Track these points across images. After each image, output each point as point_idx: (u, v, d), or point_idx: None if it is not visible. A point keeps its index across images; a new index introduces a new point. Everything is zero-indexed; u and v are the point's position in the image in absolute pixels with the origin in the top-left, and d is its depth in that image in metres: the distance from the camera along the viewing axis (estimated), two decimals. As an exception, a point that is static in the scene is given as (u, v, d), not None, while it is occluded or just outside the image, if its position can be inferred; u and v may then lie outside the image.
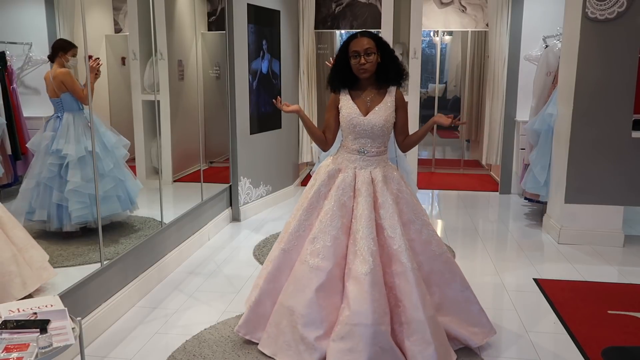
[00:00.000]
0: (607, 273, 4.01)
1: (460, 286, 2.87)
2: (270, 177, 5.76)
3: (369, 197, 2.73)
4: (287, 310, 2.69)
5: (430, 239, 2.82)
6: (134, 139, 4.19)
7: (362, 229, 2.66)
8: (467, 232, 4.97)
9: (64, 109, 3.42)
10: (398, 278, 2.64)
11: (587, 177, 4.53)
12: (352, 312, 2.54)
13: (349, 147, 2.83)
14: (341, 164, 2.83)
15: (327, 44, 7.20)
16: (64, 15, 3.41)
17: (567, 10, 4.67)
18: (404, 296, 2.62)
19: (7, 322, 2.02)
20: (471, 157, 8.51)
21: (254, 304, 2.85)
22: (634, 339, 3.00)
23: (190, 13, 4.84)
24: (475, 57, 7.86)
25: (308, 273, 2.67)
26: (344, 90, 2.83)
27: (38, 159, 3.35)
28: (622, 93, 4.38)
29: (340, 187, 2.76)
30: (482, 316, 2.90)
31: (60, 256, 3.27)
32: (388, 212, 2.71)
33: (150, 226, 3.85)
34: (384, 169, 2.83)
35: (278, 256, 2.83)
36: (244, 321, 2.87)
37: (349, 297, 2.59)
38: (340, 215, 2.72)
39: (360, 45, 2.69)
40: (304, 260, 2.71)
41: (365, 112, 2.76)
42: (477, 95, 7.88)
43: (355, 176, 2.79)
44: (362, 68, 2.70)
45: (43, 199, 3.35)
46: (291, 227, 2.84)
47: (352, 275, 2.62)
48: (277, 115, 5.85)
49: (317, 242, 2.70)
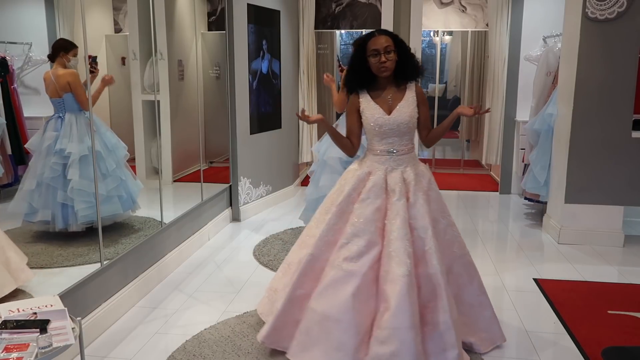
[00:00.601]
0: (607, 273, 4.01)
1: (477, 290, 2.82)
2: (270, 177, 5.76)
3: (402, 198, 2.66)
4: (321, 316, 2.58)
5: (453, 240, 2.77)
6: (134, 139, 4.20)
7: (397, 230, 2.60)
8: (467, 232, 4.96)
9: (65, 109, 3.41)
10: (427, 279, 2.59)
11: (587, 177, 4.53)
12: (391, 315, 2.47)
13: (377, 149, 2.77)
14: (371, 167, 2.76)
15: (327, 44, 7.20)
16: (64, 15, 3.40)
17: (567, 10, 4.67)
18: (433, 298, 2.57)
19: (7, 322, 2.02)
20: (471, 157, 8.51)
21: (280, 312, 2.71)
22: (634, 339, 3.00)
23: (190, 13, 4.84)
24: (475, 57, 7.86)
25: (343, 278, 2.58)
26: (362, 91, 2.78)
27: (39, 160, 3.34)
28: (622, 93, 4.38)
29: (372, 191, 2.69)
30: (494, 322, 2.86)
31: (60, 256, 3.27)
32: (420, 213, 2.66)
33: (150, 226, 3.85)
34: (415, 167, 2.77)
35: (306, 262, 2.71)
36: (270, 330, 2.73)
37: (386, 301, 2.53)
38: (373, 219, 2.65)
39: (379, 43, 2.66)
40: (337, 264, 2.62)
41: (388, 111, 2.72)
42: (477, 95, 7.88)
43: (387, 178, 2.72)
44: (383, 66, 2.66)
45: (46, 199, 3.34)
46: (319, 231, 2.73)
47: (389, 278, 2.55)
48: (277, 115, 5.86)
49: (351, 247, 2.62)
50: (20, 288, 2.78)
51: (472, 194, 6.56)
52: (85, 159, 3.37)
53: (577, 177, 4.54)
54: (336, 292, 2.57)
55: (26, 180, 3.32)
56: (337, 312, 2.54)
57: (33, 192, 3.32)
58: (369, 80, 2.76)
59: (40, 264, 3.18)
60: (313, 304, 2.64)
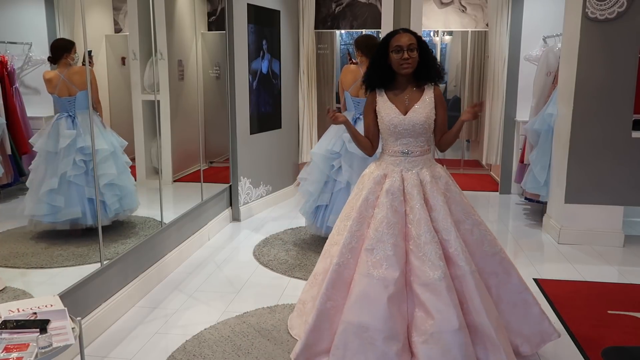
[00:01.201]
0: (607, 273, 4.01)
1: (518, 287, 2.73)
2: (270, 177, 5.76)
3: (421, 200, 2.62)
4: (358, 328, 2.50)
5: (482, 239, 2.70)
6: (134, 139, 4.20)
7: (424, 234, 2.55)
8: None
9: (75, 108, 3.41)
10: (457, 282, 2.54)
11: (587, 177, 4.53)
12: (438, 320, 2.43)
13: (392, 150, 2.75)
14: (386, 169, 2.73)
15: (327, 44, 7.20)
16: (64, 15, 3.41)
17: (567, 10, 4.67)
18: (465, 300, 2.53)
19: (7, 322, 2.02)
20: (471, 157, 8.51)
21: (312, 327, 2.61)
22: (634, 339, 3.00)
23: (190, 13, 4.84)
24: (475, 57, 7.86)
25: (375, 285, 2.51)
26: (380, 90, 2.77)
27: (56, 159, 3.34)
28: (622, 93, 4.38)
29: (390, 193, 2.65)
30: (543, 319, 2.76)
31: (60, 256, 3.27)
32: (440, 214, 2.62)
33: (150, 226, 3.85)
34: (431, 169, 2.74)
35: (332, 272, 2.63)
36: (303, 347, 2.62)
37: (427, 306, 2.48)
38: (395, 222, 2.60)
39: (403, 40, 2.65)
40: (367, 272, 2.55)
41: (404, 111, 2.70)
42: (477, 95, 7.87)
43: (403, 179, 2.69)
44: (406, 63, 2.64)
45: (72, 197, 3.33)
46: (342, 239, 2.67)
47: (423, 282, 2.51)
48: (277, 115, 5.86)
49: (377, 253, 2.56)
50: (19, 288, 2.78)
51: (472, 194, 6.56)
52: (113, 155, 3.50)
53: (577, 177, 4.54)
54: (371, 300, 2.51)
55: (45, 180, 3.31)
56: (377, 322, 2.48)
57: (54, 192, 3.32)
58: (388, 78, 2.74)
59: (40, 264, 3.18)
60: (347, 316, 2.56)
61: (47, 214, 3.33)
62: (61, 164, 3.34)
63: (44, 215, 3.33)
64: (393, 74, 2.73)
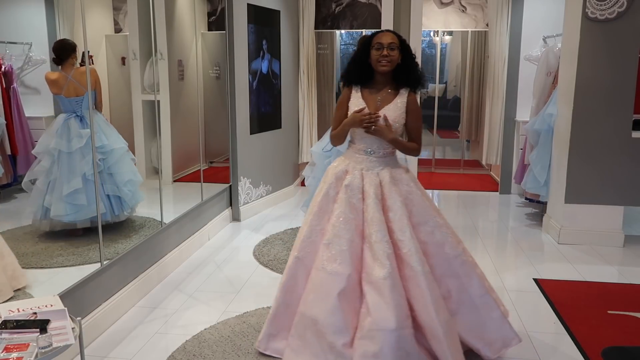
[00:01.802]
0: (607, 273, 4.01)
1: (479, 290, 2.73)
2: (270, 177, 5.76)
3: (377, 200, 2.66)
4: (310, 320, 2.59)
5: (444, 241, 2.71)
6: (134, 139, 4.20)
7: (375, 232, 2.60)
8: (467, 232, 4.96)
9: (81, 108, 3.42)
10: (409, 282, 2.58)
11: (587, 177, 4.53)
12: (375, 319, 2.48)
13: (356, 147, 2.77)
14: (348, 165, 2.76)
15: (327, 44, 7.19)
16: (64, 15, 3.41)
17: (567, 10, 4.67)
18: (415, 300, 2.56)
19: (7, 322, 2.02)
20: (471, 157, 8.51)
21: (272, 316, 2.75)
22: (634, 339, 3.00)
23: (190, 13, 4.84)
24: (475, 57, 7.85)
25: (327, 280, 2.58)
26: (357, 87, 2.78)
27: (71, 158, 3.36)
28: (622, 93, 4.38)
29: (349, 189, 2.68)
30: (504, 323, 2.76)
31: (60, 256, 3.27)
32: (397, 215, 2.65)
33: (150, 226, 3.85)
34: (392, 170, 2.75)
35: (292, 265, 2.72)
36: (264, 335, 2.77)
37: (368, 303, 2.53)
38: (352, 218, 2.65)
39: (384, 38, 2.68)
40: (321, 266, 2.62)
41: (374, 111, 2.71)
42: (477, 95, 7.87)
43: (363, 178, 2.72)
44: (384, 59, 2.66)
45: (93, 195, 3.34)
46: (303, 233, 2.74)
47: (371, 279, 2.55)
48: (277, 115, 5.86)
49: (333, 247, 2.62)
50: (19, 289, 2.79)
51: (472, 194, 6.56)
52: (128, 152, 3.63)
53: (577, 177, 4.54)
54: (322, 294, 2.58)
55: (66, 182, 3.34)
56: (325, 315, 2.55)
57: (77, 192, 3.36)
58: (367, 75, 2.76)
59: (41, 264, 3.18)
60: (302, 308, 2.65)
61: (69, 214, 3.37)
62: (80, 164, 3.37)
63: (65, 215, 3.36)
64: (372, 72, 2.74)
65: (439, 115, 8.08)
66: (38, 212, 3.39)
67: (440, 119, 8.15)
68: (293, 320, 2.70)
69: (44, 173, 3.36)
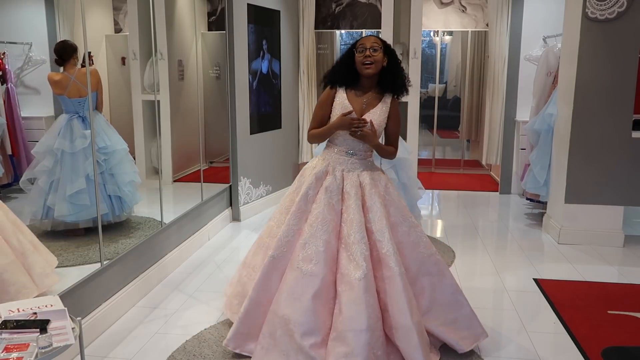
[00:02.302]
0: (607, 273, 4.01)
1: (451, 288, 2.81)
2: (270, 177, 5.76)
3: (358, 201, 2.70)
4: (281, 319, 2.59)
5: (418, 241, 2.79)
6: (134, 139, 4.20)
7: (354, 233, 2.63)
8: (467, 232, 4.96)
9: (84, 109, 3.43)
10: (386, 283, 2.61)
11: (587, 177, 4.53)
12: (346, 318, 2.51)
13: (338, 148, 2.81)
14: (328, 166, 2.80)
15: (327, 44, 7.19)
16: (64, 15, 3.41)
17: (567, 10, 4.67)
18: (391, 301, 2.59)
19: (7, 322, 2.01)
20: (471, 157, 8.51)
21: (243, 315, 2.72)
22: (634, 339, 3.00)
23: (190, 13, 4.84)
24: (475, 57, 7.86)
25: (302, 280, 2.60)
26: (341, 88, 2.81)
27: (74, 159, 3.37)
28: (622, 93, 4.38)
29: (329, 190, 2.72)
30: (473, 319, 2.83)
31: (60, 256, 3.27)
32: (376, 216, 2.69)
33: (150, 226, 3.85)
34: (372, 172, 2.82)
35: (267, 264, 2.71)
36: (233, 334, 2.74)
37: (342, 303, 2.56)
38: (330, 219, 2.68)
39: (367, 41, 2.73)
40: (297, 266, 2.63)
41: (359, 114, 2.76)
42: (477, 95, 7.88)
43: (343, 179, 2.76)
44: (368, 60, 2.69)
45: (91, 195, 3.36)
46: (280, 232, 2.75)
47: (346, 280, 2.58)
48: (277, 115, 5.86)
49: (309, 248, 2.64)
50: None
51: (472, 194, 6.56)
52: (128, 153, 3.67)
53: (577, 177, 4.54)
54: (296, 294, 2.59)
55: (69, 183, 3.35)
56: (297, 315, 2.56)
57: (80, 192, 3.37)
58: (352, 77, 2.79)
59: (41, 264, 3.17)
60: (274, 307, 2.65)
61: (72, 214, 3.38)
62: (83, 164, 3.39)
63: (68, 215, 3.38)
64: (357, 75, 2.77)
65: (439, 115, 8.08)
66: (39, 211, 3.40)
67: (440, 119, 8.15)
68: (264, 319, 2.69)
69: (46, 173, 3.37)
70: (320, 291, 2.59)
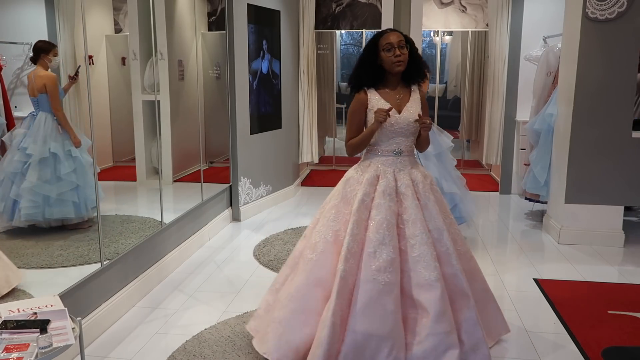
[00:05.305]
0: (607, 273, 4.01)
1: (481, 285, 2.83)
2: (270, 177, 5.76)
3: (415, 200, 2.64)
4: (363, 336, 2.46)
5: (457, 238, 2.76)
6: (134, 139, 4.20)
7: (420, 234, 2.57)
8: (467, 232, 4.96)
9: (39, 109, 3.42)
10: (450, 280, 2.59)
11: (587, 177, 4.53)
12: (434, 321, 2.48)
13: (383, 149, 2.72)
14: (378, 170, 2.70)
15: (327, 44, 7.21)
16: (64, 15, 3.41)
17: (567, 10, 4.67)
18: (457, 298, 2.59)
19: (7, 322, 2.02)
20: (471, 157, 8.51)
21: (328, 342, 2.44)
22: (634, 339, 3.00)
23: (190, 13, 4.85)
24: (475, 57, 7.86)
25: (381, 290, 2.49)
26: (370, 90, 2.73)
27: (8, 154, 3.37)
28: (622, 93, 4.38)
29: (386, 194, 2.63)
30: (498, 314, 2.89)
31: (60, 256, 3.27)
32: (432, 214, 2.64)
33: (150, 226, 3.85)
34: (419, 169, 2.77)
35: (340, 281, 2.50)
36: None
37: (424, 306, 2.51)
38: (394, 223, 2.60)
39: (393, 38, 2.65)
40: (372, 278, 2.49)
41: (398, 110, 2.69)
42: (477, 95, 7.88)
43: (396, 180, 2.68)
44: (398, 60, 2.63)
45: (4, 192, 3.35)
46: (345, 244, 2.56)
47: (417, 282, 2.54)
48: (277, 115, 5.86)
49: (380, 256, 2.53)
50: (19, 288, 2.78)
51: (472, 194, 6.53)
52: (43, 161, 3.44)
53: (577, 177, 4.54)
54: (377, 307, 2.48)
55: None
56: (382, 328, 2.47)
57: None
58: (379, 77, 2.73)
59: (41, 264, 3.18)
60: (353, 324, 2.49)
61: None
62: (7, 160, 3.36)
63: None
64: (383, 73, 2.72)
65: (439, 115, 8.08)
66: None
67: (440, 119, 8.14)
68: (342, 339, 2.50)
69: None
70: (397, 299, 2.52)
